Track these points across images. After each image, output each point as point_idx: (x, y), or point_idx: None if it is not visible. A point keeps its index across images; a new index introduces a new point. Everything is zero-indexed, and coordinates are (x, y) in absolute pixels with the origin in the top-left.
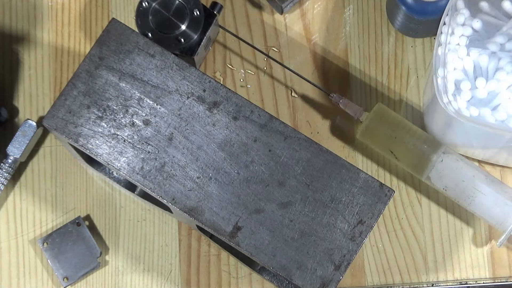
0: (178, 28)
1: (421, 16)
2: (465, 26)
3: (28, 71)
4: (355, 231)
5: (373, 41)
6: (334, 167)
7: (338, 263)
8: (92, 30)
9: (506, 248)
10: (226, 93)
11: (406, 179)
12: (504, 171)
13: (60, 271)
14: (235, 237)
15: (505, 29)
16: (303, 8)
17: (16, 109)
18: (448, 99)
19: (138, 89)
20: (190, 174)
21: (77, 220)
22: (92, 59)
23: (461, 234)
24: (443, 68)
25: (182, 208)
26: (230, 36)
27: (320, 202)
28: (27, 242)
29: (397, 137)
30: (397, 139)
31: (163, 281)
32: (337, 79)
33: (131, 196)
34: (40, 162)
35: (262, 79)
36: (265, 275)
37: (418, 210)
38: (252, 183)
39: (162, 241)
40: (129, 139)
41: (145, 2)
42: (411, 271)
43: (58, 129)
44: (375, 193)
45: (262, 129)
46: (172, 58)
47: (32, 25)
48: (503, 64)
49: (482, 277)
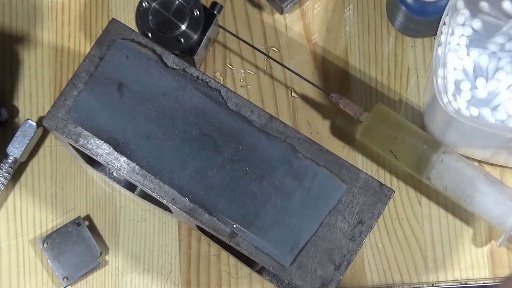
0: (178, 28)
1: (421, 16)
2: (465, 26)
3: (28, 71)
4: (355, 231)
5: (373, 41)
6: (334, 167)
7: (338, 263)
8: (92, 30)
9: (506, 248)
10: (226, 93)
11: (406, 179)
12: (504, 171)
13: (60, 271)
14: (235, 237)
15: (505, 29)
16: (303, 8)
17: (16, 109)
18: (448, 99)
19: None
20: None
21: (77, 220)
22: (92, 59)
23: (461, 234)
24: (443, 68)
25: (182, 208)
26: (230, 36)
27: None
28: (27, 242)
29: (397, 137)
30: (397, 139)
31: (163, 281)
32: (337, 79)
33: (131, 196)
34: (40, 162)
35: (262, 79)
36: (265, 275)
37: (418, 210)
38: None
39: (162, 241)
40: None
41: (145, 2)
42: (411, 271)
43: (58, 129)
44: (375, 193)
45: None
46: (172, 58)
47: (32, 25)
48: (503, 64)
49: (482, 277)
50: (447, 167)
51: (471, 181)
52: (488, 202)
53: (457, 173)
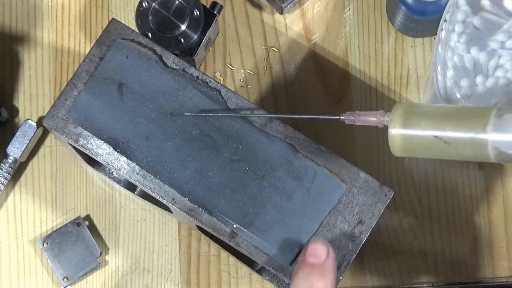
0: (178, 28)
1: (421, 16)
2: (466, 23)
3: (28, 71)
4: (355, 231)
5: (373, 41)
6: (334, 167)
7: (338, 263)
8: (92, 30)
9: (506, 248)
10: (226, 93)
11: (406, 179)
12: (504, 171)
13: (60, 271)
14: (235, 237)
15: (506, 27)
16: (303, 8)
17: (16, 109)
18: (448, 96)
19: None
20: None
21: (77, 220)
22: (92, 59)
23: (461, 234)
24: (443, 65)
25: (182, 208)
26: (230, 36)
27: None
28: (27, 242)
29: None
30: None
31: (163, 281)
32: (337, 79)
33: (131, 196)
34: (40, 162)
35: (262, 79)
36: (265, 275)
37: (418, 210)
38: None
39: (162, 241)
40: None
41: (145, 2)
42: (411, 271)
43: (58, 129)
44: (375, 193)
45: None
46: (172, 58)
47: (32, 25)
48: (503, 62)
49: (482, 277)
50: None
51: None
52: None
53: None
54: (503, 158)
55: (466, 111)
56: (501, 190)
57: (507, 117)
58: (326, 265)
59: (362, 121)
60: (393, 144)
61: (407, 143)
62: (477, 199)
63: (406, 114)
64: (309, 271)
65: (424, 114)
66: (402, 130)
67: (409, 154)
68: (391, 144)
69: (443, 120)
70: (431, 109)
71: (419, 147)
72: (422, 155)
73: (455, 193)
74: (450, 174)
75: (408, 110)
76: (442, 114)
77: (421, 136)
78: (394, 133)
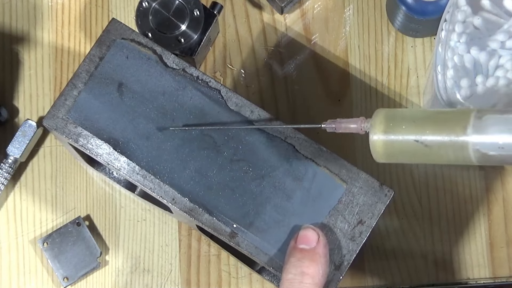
0: (178, 28)
1: (421, 16)
2: (466, 23)
3: (28, 71)
4: (355, 231)
5: (373, 41)
6: (334, 167)
7: (338, 263)
8: (92, 30)
9: (506, 248)
10: (226, 93)
11: (406, 179)
12: (504, 171)
13: (60, 271)
14: (235, 237)
15: (506, 27)
16: (303, 8)
17: (16, 109)
18: (448, 96)
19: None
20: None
21: (77, 220)
22: (92, 59)
23: (461, 234)
24: (443, 65)
25: (182, 208)
26: (230, 36)
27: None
28: (27, 242)
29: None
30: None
31: (163, 281)
32: (337, 79)
33: (131, 196)
34: (40, 162)
35: (262, 79)
36: (265, 275)
37: (418, 210)
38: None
39: (162, 241)
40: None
41: (145, 2)
42: (411, 271)
43: (58, 129)
44: (375, 193)
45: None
46: (172, 58)
47: (32, 25)
48: (503, 62)
49: (482, 277)
50: (490, 120)
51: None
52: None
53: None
54: (485, 159)
55: (446, 114)
56: (501, 190)
57: (486, 118)
58: (317, 250)
59: (343, 129)
60: (374, 150)
61: (388, 149)
62: (477, 199)
63: (387, 120)
64: (300, 257)
65: (404, 118)
66: (382, 135)
67: (392, 159)
68: (372, 151)
69: (424, 124)
70: (411, 113)
71: (401, 152)
72: (405, 160)
73: (455, 193)
74: (450, 174)
75: (388, 115)
76: (422, 118)
77: (402, 141)
78: (375, 139)
